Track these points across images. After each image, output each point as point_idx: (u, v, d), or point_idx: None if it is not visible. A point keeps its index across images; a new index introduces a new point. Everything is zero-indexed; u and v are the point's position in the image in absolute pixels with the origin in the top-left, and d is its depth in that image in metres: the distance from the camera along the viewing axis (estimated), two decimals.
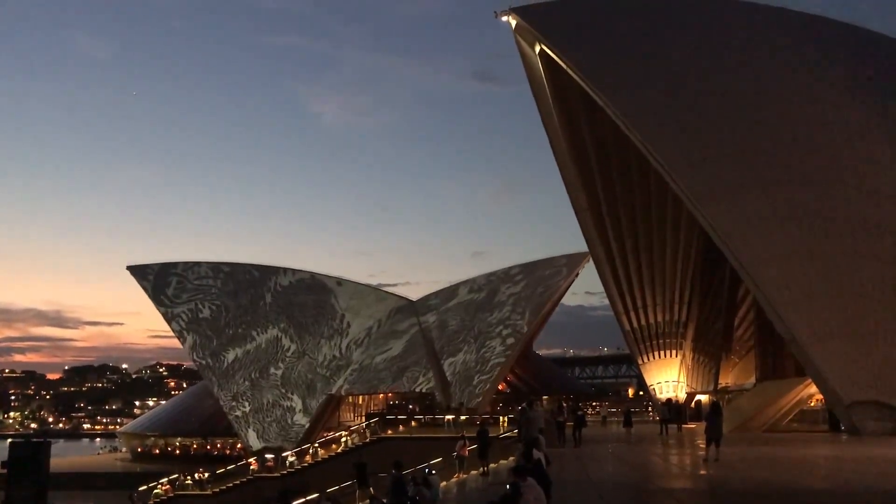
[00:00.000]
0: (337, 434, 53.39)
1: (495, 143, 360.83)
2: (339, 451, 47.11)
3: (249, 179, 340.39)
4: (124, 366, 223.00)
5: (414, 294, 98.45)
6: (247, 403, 63.04)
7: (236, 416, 62.60)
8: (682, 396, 43.43)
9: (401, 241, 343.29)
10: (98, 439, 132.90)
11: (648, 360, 44.66)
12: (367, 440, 46.43)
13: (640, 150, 33.11)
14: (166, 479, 48.47)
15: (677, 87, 34.48)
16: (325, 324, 66.22)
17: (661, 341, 44.21)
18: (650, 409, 54.35)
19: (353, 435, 49.19)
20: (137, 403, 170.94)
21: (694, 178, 31.59)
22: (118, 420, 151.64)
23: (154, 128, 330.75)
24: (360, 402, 65.69)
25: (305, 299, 67.55)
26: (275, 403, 63.10)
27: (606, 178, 41.12)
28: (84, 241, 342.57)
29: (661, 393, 43.91)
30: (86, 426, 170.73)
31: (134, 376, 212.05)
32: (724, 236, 30.40)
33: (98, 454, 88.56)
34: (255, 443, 61.37)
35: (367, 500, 23.31)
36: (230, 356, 64.78)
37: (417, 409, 59.03)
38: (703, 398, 41.76)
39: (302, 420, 62.20)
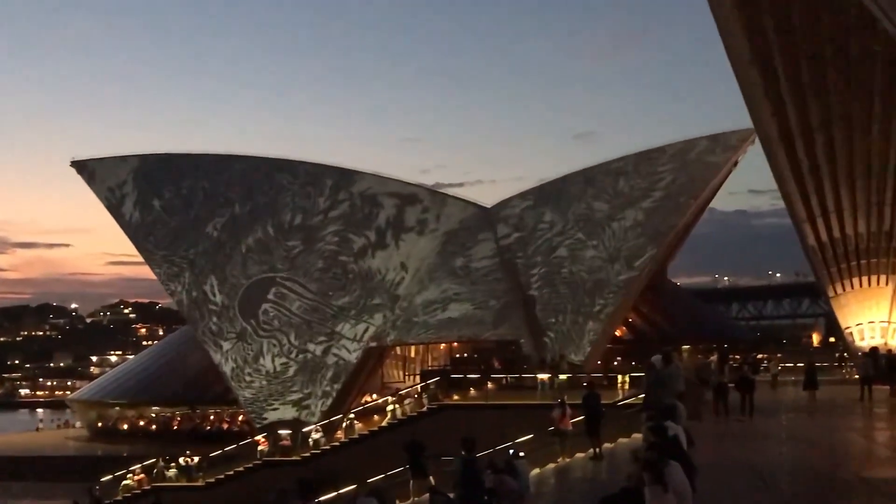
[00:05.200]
0: (381, 400, 54.66)
1: None
2: (383, 424, 48.32)
3: (237, 50, 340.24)
4: (73, 305, 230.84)
5: (488, 197, 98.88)
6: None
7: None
8: (894, 345, 43.10)
9: (467, 123, 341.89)
10: (40, 410, 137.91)
11: (844, 290, 44.32)
12: (424, 409, 47.50)
13: None
14: (139, 466, 49.56)
15: None
16: (357, 239, 66.46)
17: (863, 262, 43.70)
18: (845, 363, 54.09)
19: (404, 402, 50.29)
20: (95, 359, 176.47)
21: None
22: (68, 383, 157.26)
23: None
24: (412, 354, 66.97)
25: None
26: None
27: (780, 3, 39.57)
28: (15, 138, 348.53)
29: (862, 339, 43.69)
30: (23, 392, 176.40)
31: (88, 320, 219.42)
32: None
33: (38, 429, 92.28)
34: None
35: (426, 494, 23.88)
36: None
37: (496, 365, 59.88)
38: None
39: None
